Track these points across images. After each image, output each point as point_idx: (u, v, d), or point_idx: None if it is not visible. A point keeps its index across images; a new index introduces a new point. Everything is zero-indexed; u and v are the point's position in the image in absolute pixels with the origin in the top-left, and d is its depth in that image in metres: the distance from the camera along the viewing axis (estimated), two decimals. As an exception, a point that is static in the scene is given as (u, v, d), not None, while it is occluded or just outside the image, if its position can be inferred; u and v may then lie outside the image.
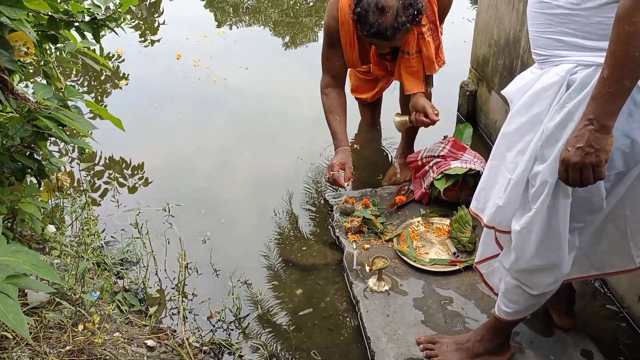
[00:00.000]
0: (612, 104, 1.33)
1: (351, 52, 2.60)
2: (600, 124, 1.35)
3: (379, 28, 2.31)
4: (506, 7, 2.87)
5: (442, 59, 2.65)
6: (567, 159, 1.42)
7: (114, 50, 4.49)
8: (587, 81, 1.42)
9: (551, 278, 1.71)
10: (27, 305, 1.93)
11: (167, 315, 2.32)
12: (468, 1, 5.06)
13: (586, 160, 1.39)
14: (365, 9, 2.31)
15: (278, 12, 5.24)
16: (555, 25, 1.46)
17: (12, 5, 1.43)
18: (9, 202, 1.95)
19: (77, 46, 2.08)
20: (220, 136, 3.52)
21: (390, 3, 2.29)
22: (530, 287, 1.74)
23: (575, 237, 1.68)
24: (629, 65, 1.28)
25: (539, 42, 1.52)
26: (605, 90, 1.32)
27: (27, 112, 1.85)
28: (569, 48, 1.45)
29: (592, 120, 1.35)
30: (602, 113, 1.34)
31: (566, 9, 1.41)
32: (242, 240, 2.73)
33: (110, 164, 3.26)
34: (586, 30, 1.41)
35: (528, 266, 1.69)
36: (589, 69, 1.42)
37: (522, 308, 1.82)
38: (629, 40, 1.26)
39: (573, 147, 1.40)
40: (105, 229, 2.71)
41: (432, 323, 2.16)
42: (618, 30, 1.27)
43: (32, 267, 1.26)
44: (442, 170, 2.63)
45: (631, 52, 1.27)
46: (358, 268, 2.40)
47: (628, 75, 1.30)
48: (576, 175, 1.42)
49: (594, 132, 1.36)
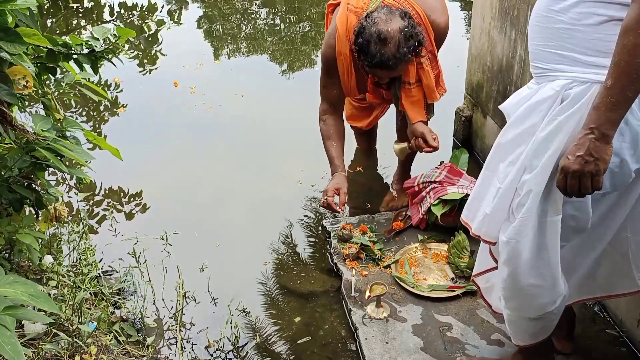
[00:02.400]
0: (614, 113, 1.36)
1: (348, 81, 2.63)
2: (601, 133, 1.37)
3: (381, 59, 2.32)
4: (498, 34, 2.91)
5: (443, 87, 2.67)
6: (566, 167, 1.44)
7: (111, 79, 4.53)
8: (580, 97, 1.45)
9: (546, 298, 1.71)
10: (24, 337, 1.92)
11: (165, 345, 2.31)
12: (460, 27, 5.13)
13: (585, 169, 1.41)
14: (367, 40, 2.32)
15: (275, 40, 5.30)
16: (556, 40, 1.49)
17: (12, 41, 1.46)
18: (7, 232, 1.96)
19: (76, 78, 2.11)
20: (217, 163, 3.53)
21: (392, 34, 2.30)
22: (525, 310, 1.74)
23: (573, 259, 1.69)
24: (632, 76, 1.31)
25: (539, 56, 1.55)
26: (608, 100, 1.34)
27: (26, 143, 1.87)
28: (567, 63, 1.48)
29: (593, 129, 1.38)
30: (603, 122, 1.37)
31: (567, 24, 1.45)
32: (240, 267, 2.72)
33: (109, 193, 3.27)
34: (585, 45, 1.44)
35: (522, 285, 1.69)
36: (584, 85, 1.45)
37: (531, 332, 1.83)
38: (634, 51, 1.29)
39: (573, 155, 1.42)
40: (103, 258, 2.70)
41: (431, 350, 2.15)
42: (624, 41, 1.30)
43: (30, 297, 1.26)
44: (439, 195, 2.64)
45: (635, 63, 1.30)
46: (356, 295, 2.40)
47: (631, 86, 1.32)
48: (575, 184, 1.44)
49: (594, 141, 1.38)
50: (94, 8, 6.02)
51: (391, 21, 2.32)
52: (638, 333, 2.10)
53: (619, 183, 1.53)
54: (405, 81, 2.57)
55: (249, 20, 5.83)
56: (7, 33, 1.48)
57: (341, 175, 2.66)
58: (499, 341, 2.17)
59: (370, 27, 2.32)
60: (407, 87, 2.59)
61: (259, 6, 6.12)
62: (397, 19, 2.33)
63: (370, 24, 2.33)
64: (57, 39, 1.92)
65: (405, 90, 2.60)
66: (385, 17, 2.33)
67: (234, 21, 5.79)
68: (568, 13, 1.44)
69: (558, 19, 1.47)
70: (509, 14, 2.77)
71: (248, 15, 5.95)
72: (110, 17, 5.83)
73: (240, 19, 5.86)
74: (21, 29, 1.61)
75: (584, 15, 1.41)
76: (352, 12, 2.50)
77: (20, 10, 1.62)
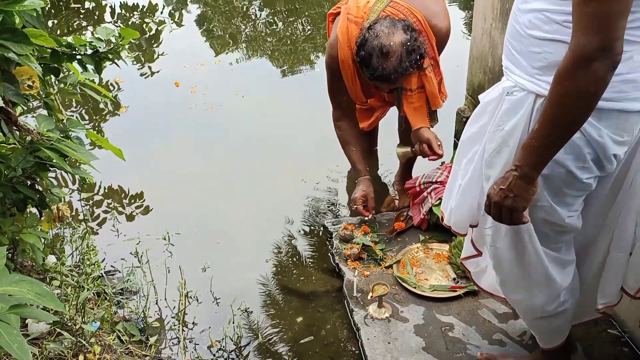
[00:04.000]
0: (537, 157, 1.36)
1: (354, 88, 2.63)
2: (523, 172, 1.38)
3: (382, 72, 2.32)
4: (499, 35, 2.92)
5: (444, 93, 2.68)
6: (490, 195, 1.46)
7: (112, 79, 4.53)
8: (518, 107, 1.45)
9: (544, 297, 1.72)
10: (28, 336, 1.93)
11: (168, 345, 2.31)
12: (460, 27, 5.14)
13: (504, 203, 1.43)
14: (369, 53, 2.31)
15: (275, 40, 5.31)
16: (514, 39, 1.49)
17: (19, 42, 1.47)
18: (11, 232, 1.97)
19: (79, 78, 2.12)
20: (219, 162, 3.54)
21: (394, 48, 2.29)
22: (529, 309, 1.76)
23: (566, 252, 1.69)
24: (557, 125, 1.31)
25: (505, 50, 1.56)
26: (532, 143, 1.35)
27: (30, 144, 1.88)
28: (517, 64, 1.48)
29: (517, 167, 1.39)
30: (526, 163, 1.37)
31: (521, 28, 1.45)
32: (242, 268, 2.73)
33: (110, 193, 3.28)
34: (528, 55, 1.43)
35: (516, 283, 1.72)
36: (522, 93, 1.45)
37: (548, 331, 1.85)
38: (561, 102, 1.28)
39: (497, 186, 1.44)
40: (106, 258, 2.71)
41: (433, 350, 2.16)
42: (553, 90, 1.29)
43: (36, 296, 1.27)
44: (440, 196, 2.64)
45: (560, 113, 1.29)
46: (358, 295, 2.40)
47: (554, 134, 1.32)
48: (497, 213, 1.47)
49: (516, 179, 1.39)
50: (95, 9, 6.02)
51: (393, 35, 2.30)
52: (639, 333, 2.11)
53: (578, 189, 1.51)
54: (407, 88, 2.56)
55: (249, 21, 5.84)
56: (15, 34, 1.49)
57: (366, 180, 2.72)
58: (500, 341, 2.18)
59: (372, 40, 2.31)
60: (409, 94, 2.58)
61: (260, 7, 6.13)
62: (399, 32, 2.32)
63: (372, 36, 2.32)
64: (61, 39, 1.93)
65: (406, 97, 2.59)
66: (388, 30, 2.31)
67: (235, 22, 5.80)
68: (524, 17, 1.43)
69: (517, 19, 1.46)
70: (510, 15, 2.78)
71: (248, 16, 5.96)
72: (111, 18, 5.84)
73: (240, 19, 5.87)
74: (28, 30, 1.62)
75: (532, 25, 1.40)
76: (352, 21, 2.49)
77: (27, 11, 1.63)
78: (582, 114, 1.29)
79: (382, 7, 2.47)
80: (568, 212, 1.55)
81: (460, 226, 1.80)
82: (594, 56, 1.21)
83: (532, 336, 2.18)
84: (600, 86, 1.25)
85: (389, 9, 2.46)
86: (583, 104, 1.27)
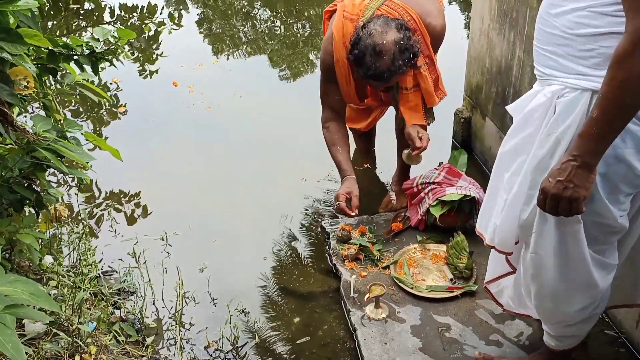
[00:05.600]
0: (598, 144, 1.34)
1: (347, 88, 2.62)
2: (583, 161, 1.36)
3: (375, 71, 2.32)
4: (497, 36, 2.92)
5: (443, 90, 2.67)
6: (546, 189, 1.43)
7: (111, 79, 4.53)
8: (573, 106, 1.43)
9: (581, 303, 1.68)
10: (24, 336, 1.93)
11: (165, 345, 2.31)
12: (459, 29, 5.14)
13: (564, 194, 1.40)
14: (363, 52, 2.32)
15: (274, 41, 5.31)
16: (551, 45, 1.47)
17: (13, 42, 1.47)
18: (7, 232, 1.96)
19: (76, 78, 2.12)
20: (217, 163, 3.54)
21: (388, 47, 2.30)
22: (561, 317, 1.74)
23: (610, 256, 1.63)
24: (618, 110, 1.29)
25: (539, 58, 1.54)
26: (592, 130, 1.33)
27: (26, 144, 1.88)
28: (562, 69, 1.46)
29: (576, 156, 1.37)
30: (586, 152, 1.36)
31: (561, 30, 1.43)
32: (239, 268, 2.73)
33: (109, 194, 3.28)
34: (578, 55, 1.42)
35: (554, 292, 1.67)
36: (575, 93, 1.43)
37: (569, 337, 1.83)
38: (622, 85, 1.27)
39: (554, 178, 1.41)
40: (103, 258, 2.71)
41: (430, 350, 2.16)
42: (612, 74, 1.28)
43: (30, 296, 1.27)
44: (437, 196, 2.65)
45: (622, 97, 1.28)
46: (355, 296, 2.40)
47: (616, 119, 1.31)
48: (553, 206, 1.44)
49: (575, 168, 1.37)
50: (94, 10, 6.03)
51: (387, 33, 2.31)
52: (637, 334, 2.11)
53: (633, 185, 1.49)
54: (402, 87, 2.57)
55: (248, 22, 5.84)
56: (9, 34, 1.49)
57: (351, 178, 2.65)
58: (497, 341, 2.18)
59: (365, 38, 2.32)
60: (405, 93, 2.59)
61: (259, 8, 6.14)
62: (392, 31, 2.32)
63: (366, 35, 2.33)
64: (58, 40, 1.94)
65: (402, 96, 2.60)
66: (381, 29, 2.32)
67: (234, 23, 5.81)
68: (562, 20, 1.41)
69: (553, 24, 1.45)
70: (507, 15, 2.78)
71: (248, 17, 5.97)
72: (110, 18, 5.84)
73: (240, 20, 5.87)
74: (23, 30, 1.62)
75: (577, 25, 1.38)
76: (347, 19, 2.50)
77: (21, 12, 1.63)
78: None
79: (377, 5, 2.48)
80: (619, 211, 1.51)
81: (507, 244, 1.70)
82: None
83: (529, 337, 2.19)
84: None
85: (385, 7, 2.47)
86: None
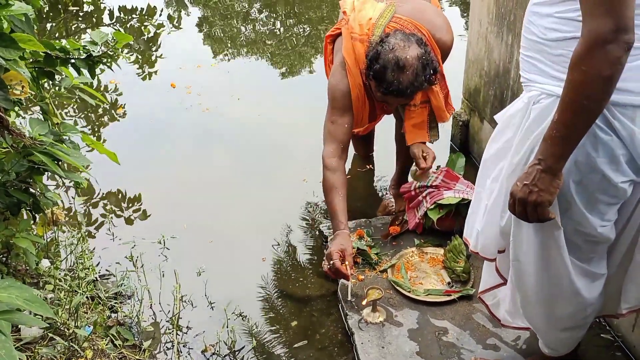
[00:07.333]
0: (560, 148, 1.34)
1: (362, 112, 2.54)
2: (547, 165, 1.36)
3: (398, 86, 2.25)
4: (495, 39, 2.92)
5: (452, 106, 2.64)
6: (513, 192, 1.43)
7: (109, 82, 4.54)
8: (546, 113, 1.42)
9: (569, 308, 1.68)
10: (21, 341, 1.93)
11: (162, 349, 2.31)
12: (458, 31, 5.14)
13: (529, 198, 1.40)
14: (384, 66, 2.25)
15: (273, 43, 5.31)
16: (531, 50, 1.48)
17: (7, 46, 1.47)
18: (4, 236, 1.96)
19: (74, 82, 2.12)
20: (214, 166, 3.53)
21: (411, 62, 2.23)
22: (551, 325, 1.74)
23: (596, 265, 1.62)
24: (577, 112, 1.29)
25: (523, 65, 1.54)
26: (554, 134, 1.33)
27: (23, 148, 1.88)
28: (540, 74, 1.46)
29: (540, 160, 1.37)
30: (549, 155, 1.35)
31: (537, 36, 1.44)
32: (237, 272, 2.73)
33: (107, 197, 3.27)
34: (552, 59, 1.42)
35: (538, 299, 1.67)
36: (550, 99, 1.43)
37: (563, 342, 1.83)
38: (579, 88, 1.27)
39: (521, 182, 1.41)
40: (100, 262, 2.71)
41: (427, 355, 2.15)
42: (570, 77, 1.28)
43: (25, 302, 1.27)
44: (435, 200, 2.64)
45: (578, 100, 1.28)
46: (353, 299, 2.40)
47: (576, 122, 1.30)
48: (521, 211, 1.44)
49: (540, 172, 1.37)
50: (93, 12, 6.03)
51: (409, 48, 2.25)
52: (633, 338, 2.11)
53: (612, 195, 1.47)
54: (411, 103, 2.53)
55: (247, 24, 5.84)
56: (3, 38, 1.49)
57: (344, 234, 2.38)
58: (494, 345, 2.18)
59: (387, 53, 2.25)
60: (412, 109, 2.56)
61: (259, 10, 6.14)
62: (414, 46, 2.27)
63: (387, 49, 2.25)
64: (54, 43, 1.93)
65: (408, 112, 2.57)
66: (403, 43, 2.26)
67: (233, 25, 5.81)
68: (539, 26, 1.42)
69: (531, 30, 1.46)
70: (505, 19, 2.78)
71: (247, 18, 5.97)
72: (110, 20, 5.84)
73: (239, 22, 5.87)
74: (17, 35, 1.62)
75: (549, 30, 1.40)
76: (357, 40, 2.44)
77: (15, 16, 1.63)
78: (601, 99, 1.28)
79: (385, 22, 2.43)
80: (601, 221, 1.50)
81: (489, 251, 1.71)
82: (607, 38, 1.20)
83: (526, 341, 2.19)
84: (616, 68, 1.23)
85: (393, 24, 2.42)
86: (600, 88, 1.26)
